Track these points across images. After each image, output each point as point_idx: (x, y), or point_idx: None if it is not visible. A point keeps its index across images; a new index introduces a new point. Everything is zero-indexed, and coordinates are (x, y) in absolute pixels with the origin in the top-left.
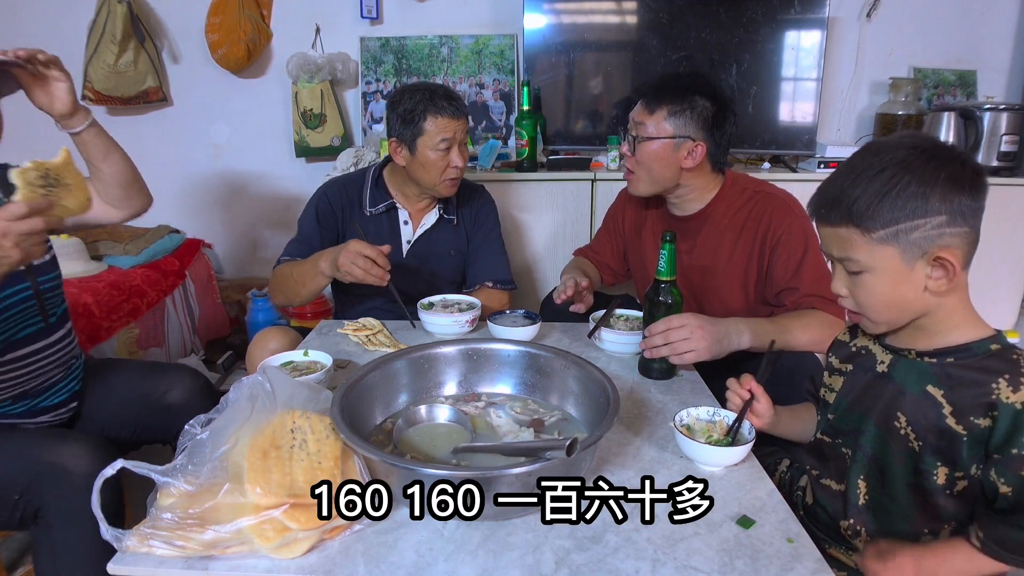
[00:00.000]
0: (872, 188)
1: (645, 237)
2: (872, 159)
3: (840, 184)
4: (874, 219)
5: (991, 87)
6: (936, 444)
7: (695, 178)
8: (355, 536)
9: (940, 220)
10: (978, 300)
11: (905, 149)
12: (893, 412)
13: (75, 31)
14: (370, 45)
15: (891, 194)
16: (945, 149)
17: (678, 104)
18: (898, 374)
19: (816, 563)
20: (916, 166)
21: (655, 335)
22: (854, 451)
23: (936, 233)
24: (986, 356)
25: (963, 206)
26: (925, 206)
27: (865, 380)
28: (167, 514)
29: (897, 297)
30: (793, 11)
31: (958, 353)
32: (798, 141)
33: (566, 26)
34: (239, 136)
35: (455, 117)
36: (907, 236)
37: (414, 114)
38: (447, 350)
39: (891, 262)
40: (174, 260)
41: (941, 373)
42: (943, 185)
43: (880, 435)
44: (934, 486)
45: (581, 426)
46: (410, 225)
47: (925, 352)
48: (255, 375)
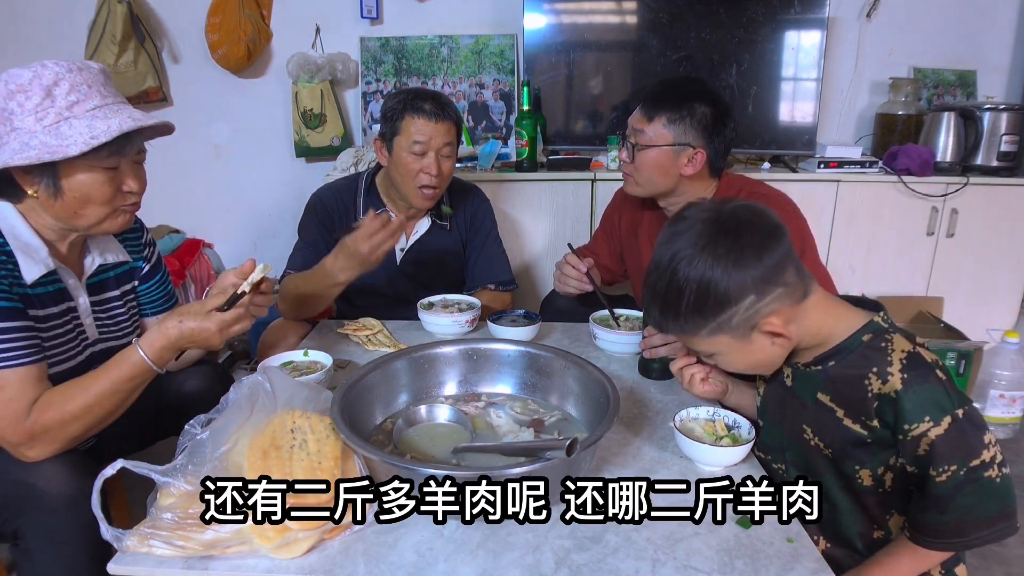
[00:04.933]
0: (677, 310)
1: (641, 238)
2: (664, 274)
3: (653, 313)
4: (693, 328)
5: (991, 87)
6: (846, 449)
7: (693, 184)
8: (355, 536)
9: (748, 301)
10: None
11: (689, 246)
12: (800, 425)
13: (75, 31)
14: (370, 45)
15: (693, 306)
16: (725, 221)
17: (677, 111)
18: (798, 386)
19: (816, 563)
20: (699, 263)
21: (654, 335)
22: (786, 466)
23: (752, 312)
24: (860, 350)
25: (759, 275)
26: (726, 299)
27: (777, 393)
28: (167, 514)
29: (755, 360)
30: (793, 11)
31: (837, 355)
32: (798, 141)
33: (566, 26)
34: (239, 136)
35: (434, 120)
36: (728, 325)
37: (394, 112)
38: (447, 350)
39: (728, 345)
40: (174, 260)
41: (826, 378)
42: (730, 272)
43: (798, 449)
44: (863, 488)
45: (581, 426)
46: (403, 232)
47: (810, 362)
48: (255, 375)
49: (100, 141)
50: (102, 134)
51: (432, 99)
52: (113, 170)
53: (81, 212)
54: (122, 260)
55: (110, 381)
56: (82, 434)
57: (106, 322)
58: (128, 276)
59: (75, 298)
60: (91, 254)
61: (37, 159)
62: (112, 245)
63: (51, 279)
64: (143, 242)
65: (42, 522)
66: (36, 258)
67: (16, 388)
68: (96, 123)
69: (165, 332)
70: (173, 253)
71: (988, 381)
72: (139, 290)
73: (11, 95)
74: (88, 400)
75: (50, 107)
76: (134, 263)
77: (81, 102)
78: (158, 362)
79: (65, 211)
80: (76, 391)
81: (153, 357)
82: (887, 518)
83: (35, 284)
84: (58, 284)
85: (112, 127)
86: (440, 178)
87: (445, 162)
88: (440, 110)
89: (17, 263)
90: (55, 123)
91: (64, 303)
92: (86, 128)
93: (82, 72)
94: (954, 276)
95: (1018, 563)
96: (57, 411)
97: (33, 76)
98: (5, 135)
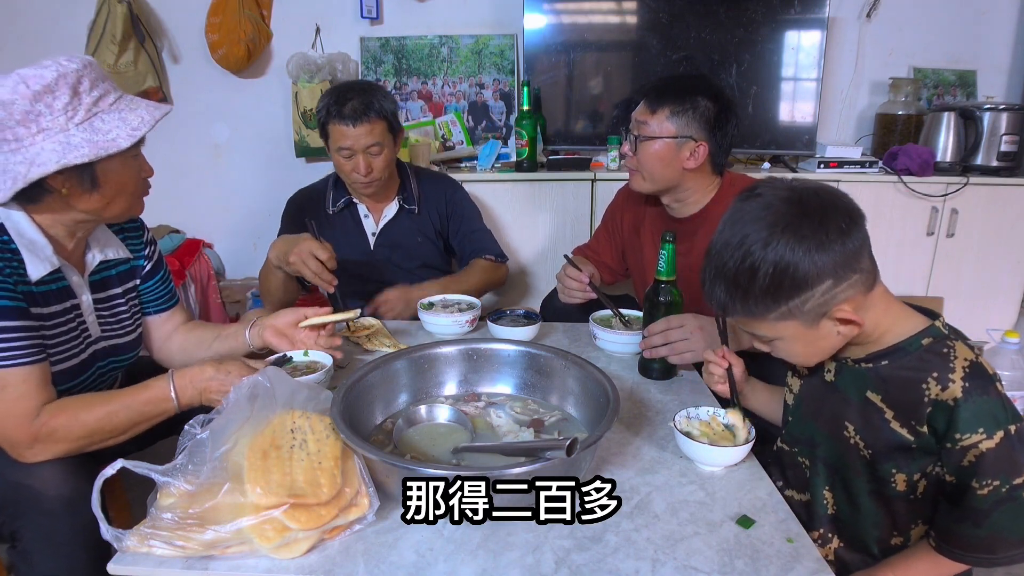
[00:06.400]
0: (747, 291)
1: (643, 237)
2: (735, 253)
3: (717, 293)
4: (763, 311)
5: (991, 87)
6: (887, 452)
7: (695, 179)
8: (355, 536)
9: (825, 286)
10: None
11: (765, 226)
12: (841, 422)
13: (75, 31)
14: (370, 45)
15: (767, 288)
16: (807, 201)
17: (680, 104)
18: (842, 382)
19: (816, 563)
20: (779, 244)
21: (654, 335)
22: (812, 461)
23: (827, 298)
24: (918, 353)
25: (840, 260)
26: (804, 282)
27: (816, 388)
28: (167, 514)
29: (816, 348)
30: (793, 11)
31: (892, 355)
32: (798, 141)
33: (566, 26)
34: (239, 136)
35: (354, 125)
36: (800, 310)
37: (321, 119)
38: (447, 350)
39: (795, 330)
40: (174, 260)
41: (877, 377)
42: (812, 255)
43: (833, 446)
44: (895, 493)
45: (581, 426)
46: (371, 218)
47: (861, 358)
48: (255, 375)
49: (142, 132)
50: (140, 125)
51: (352, 100)
52: (136, 158)
53: (116, 200)
54: (123, 256)
55: (130, 400)
56: (83, 446)
57: (108, 320)
58: (130, 274)
59: (78, 296)
60: (92, 251)
61: (94, 156)
62: (112, 241)
63: (55, 277)
64: (144, 240)
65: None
66: (41, 256)
67: (21, 387)
68: (127, 115)
69: (202, 367)
70: (173, 253)
71: None
72: (141, 288)
73: (38, 96)
74: (102, 413)
75: (79, 104)
76: (136, 261)
77: (103, 97)
78: (181, 395)
79: (100, 203)
80: (94, 401)
81: (179, 387)
82: (912, 527)
83: (39, 282)
84: (62, 282)
85: (145, 119)
86: (373, 174)
87: (375, 159)
88: (362, 110)
89: (22, 261)
90: (87, 119)
91: (68, 301)
92: (120, 121)
93: (92, 67)
94: (954, 276)
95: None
96: (70, 417)
97: (58, 75)
98: (28, 138)
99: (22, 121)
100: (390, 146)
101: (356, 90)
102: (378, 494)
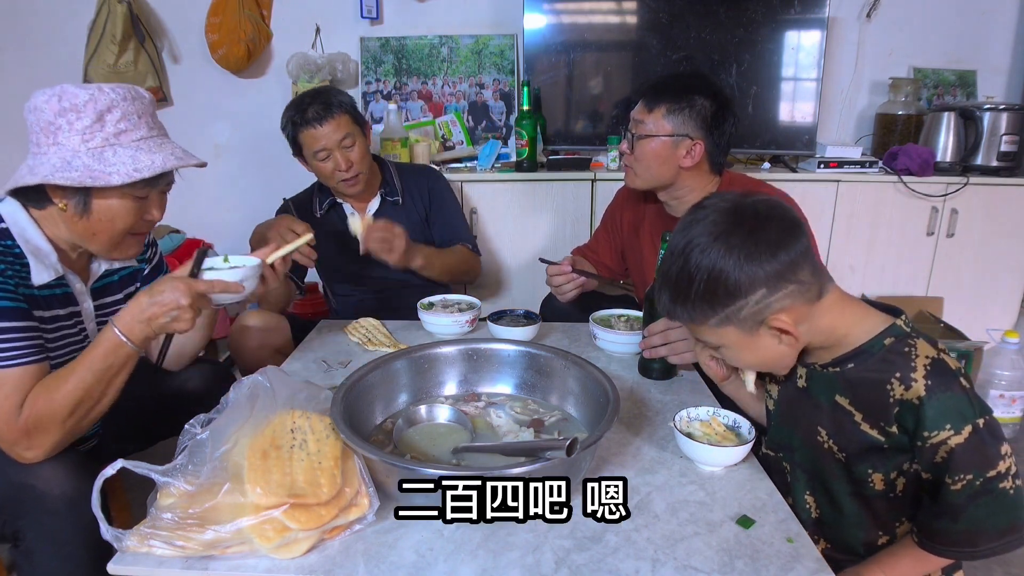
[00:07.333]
0: (686, 296)
1: (643, 236)
2: (677, 260)
3: (663, 299)
4: (702, 316)
5: (991, 87)
6: (861, 454)
7: (692, 178)
8: (355, 536)
9: (759, 295)
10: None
11: (704, 235)
12: (814, 427)
13: (75, 31)
14: (370, 45)
15: (703, 295)
16: (743, 212)
17: (677, 102)
18: (814, 388)
19: (816, 563)
20: (712, 252)
21: (654, 335)
22: (792, 466)
23: (762, 307)
24: (881, 354)
25: (772, 270)
26: (736, 290)
27: (791, 394)
28: (167, 514)
29: (760, 357)
30: (793, 11)
31: (856, 357)
32: (798, 141)
33: (566, 26)
34: (239, 136)
35: (320, 124)
36: (737, 317)
37: (289, 133)
38: (447, 350)
39: (736, 337)
40: (174, 260)
41: (845, 381)
42: (742, 264)
43: (808, 451)
44: (874, 492)
45: (581, 426)
46: (357, 216)
47: (828, 363)
48: (255, 375)
49: (142, 176)
50: (145, 168)
51: (311, 103)
52: (142, 199)
53: (100, 234)
54: (127, 264)
55: (89, 361)
56: (75, 424)
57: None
58: (131, 279)
59: (80, 303)
60: (97, 259)
61: (79, 182)
62: None
63: (58, 283)
64: (145, 243)
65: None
66: (46, 263)
67: (12, 387)
68: (140, 155)
69: (135, 300)
70: (173, 253)
71: (988, 381)
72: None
73: (63, 112)
74: (73, 384)
75: (99, 131)
76: (137, 266)
77: (129, 131)
78: (131, 336)
79: (86, 231)
80: (59, 377)
81: (125, 329)
82: (896, 525)
83: (42, 285)
84: (65, 288)
85: (156, 163)
86: (353, 167)
87: (351, 152)
88: (324, 110)
89: (26, 265)
90: (100, 147)
91: (69, 307)
92: (130, 159)
93: (135, 102)
94: (954, 276)
95: (1019, 563)
96: (46, 400)
97: (89, 98)
98: (45, 146)
99: (44, 130)
100: (360, 137)
101: (311, 95)
102: (378, 494)
